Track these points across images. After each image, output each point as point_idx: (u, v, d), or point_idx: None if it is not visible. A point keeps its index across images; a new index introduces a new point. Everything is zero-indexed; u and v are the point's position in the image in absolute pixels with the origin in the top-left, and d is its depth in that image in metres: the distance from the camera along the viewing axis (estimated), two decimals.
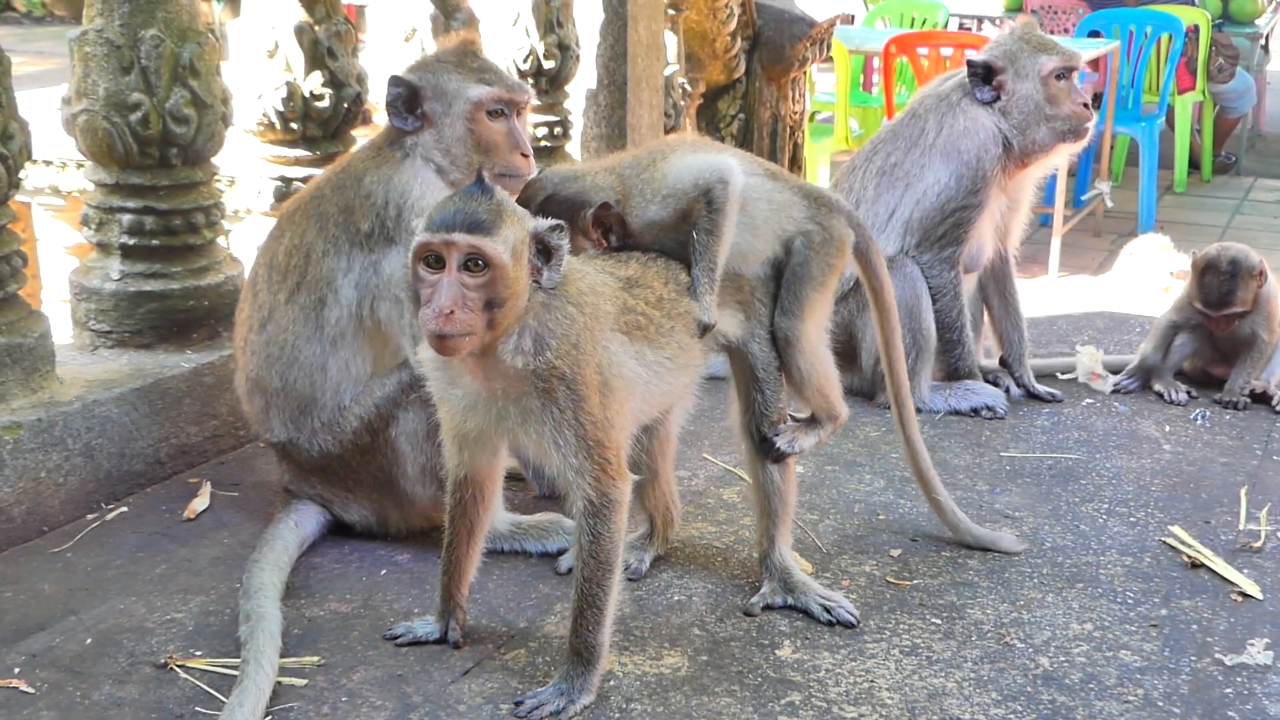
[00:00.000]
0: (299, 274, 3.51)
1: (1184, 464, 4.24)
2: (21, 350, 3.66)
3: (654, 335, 3.00)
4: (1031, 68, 4.55)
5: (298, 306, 3.51)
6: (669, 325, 3.04)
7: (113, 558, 3.52)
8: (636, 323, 2.97)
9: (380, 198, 3.45)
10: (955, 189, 4.57)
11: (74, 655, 3.06)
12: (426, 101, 3.50)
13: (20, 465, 3.57)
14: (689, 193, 3.08)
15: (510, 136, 3.53)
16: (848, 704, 2.90)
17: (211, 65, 4.14)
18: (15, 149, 3.59)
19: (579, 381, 2.79)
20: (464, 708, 2.86)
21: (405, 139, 3.52)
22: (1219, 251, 4.74)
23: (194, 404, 4.07)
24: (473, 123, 3.50)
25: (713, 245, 3.07)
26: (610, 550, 2.86)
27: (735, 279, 3.20)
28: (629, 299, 2.98)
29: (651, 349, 2.99)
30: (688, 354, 3.10)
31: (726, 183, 3.07)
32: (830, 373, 3.30)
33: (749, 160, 3.29)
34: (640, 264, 3.08)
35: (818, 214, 3.25)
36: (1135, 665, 3.09)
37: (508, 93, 3.53)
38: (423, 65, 3.60)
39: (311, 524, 3.59)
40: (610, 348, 2.89)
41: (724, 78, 7.84)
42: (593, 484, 2.83)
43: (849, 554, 3.60)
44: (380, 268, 3.45)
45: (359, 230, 3.46)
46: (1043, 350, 5.25)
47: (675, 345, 3.05)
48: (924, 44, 9.65)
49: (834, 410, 3.33)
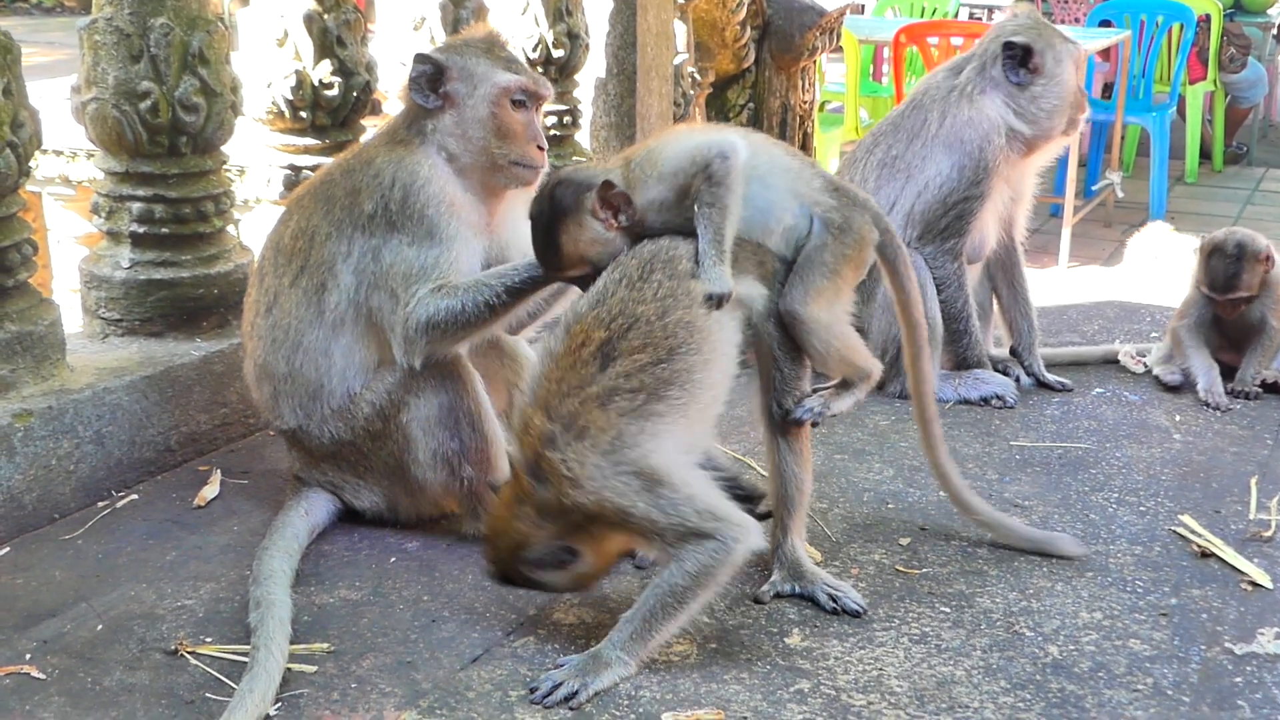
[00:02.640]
0: (303, 257, 3.52)
1: (1194, 453, 4.23)
2: (32, 338, 3.67)
3: (656, 391, 2.90)
4: (1067, 52, 4.54)
5: (300, 290, 3.51)
6: (665, 362, 2.92)
7: (123, 545, 3.53)
8: (629, 406, 2.88)
9: (388, 178, 3.45)
10: (958, 180, 4.56)
11: (85, 641, 3.07)
12: (451, 82, 3.50)
13: (31, 453, 3.58)
14: (687, 169, 3.05)
15: (529, 128, 3.53)
16: (856, 692, 2.91)
17: (221, 54, 4.14)
18: (25, 137, 3.59)
19: (612, 513, 2.85)
20: (473, 694, 2.87)
21: (423, 123, 3.51)
22: (1225, 235, 4.74)
23: (204, 392, 4.08)
24: (497, 108, 3.49)
25: (715, 218, 3.02)
26: (714, 585, 2.91)
27: (759, 251, 3.15)
28: (608, 390, 2.88)
29: (663, 404, 2.91)
30: (704, 360, 2.99)
31: (727, 157, 3.04)
32: (851, 340, 3.23)
33: (764, 139, 3.26)
34: (601, 331, 2.92)
35: (840, 203, 3.20)
36: (1145, 654, 3.08)
37: (534, 84, 3.54)
38: (450, 47, 3.61)
39: (321, 511, 3.60)
40: (620, 459, 2.86)
41: (733, 67, 7.81)
42: (710, 551, 2.87)
43: (858, 542, 3.59)
44: (380, 254, 3.44)
45: (362, 212, 3.45)
46: (1053, 339, 5.24)
47: (682, 371, 2.94)
48: (934, 33, 9.62)
49: (863, 371, 3.25)
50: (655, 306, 2.95)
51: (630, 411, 2.88)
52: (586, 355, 2.90)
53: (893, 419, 4.47)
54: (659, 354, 2.92)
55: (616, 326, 2.92)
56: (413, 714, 2.80)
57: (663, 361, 2.92)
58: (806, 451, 3.28)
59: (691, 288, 2.99)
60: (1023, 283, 4.89)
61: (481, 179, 3.53)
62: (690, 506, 2.86)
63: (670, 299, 2.97)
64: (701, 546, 2.86)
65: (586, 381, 2.88)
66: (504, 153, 3.49)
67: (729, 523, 2.90)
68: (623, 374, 2.89)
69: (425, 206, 3.42)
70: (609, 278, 3.01)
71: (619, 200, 3.09)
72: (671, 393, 2.92)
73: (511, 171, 3.52)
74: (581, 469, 2.83)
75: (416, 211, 3.42)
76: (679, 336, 2.95)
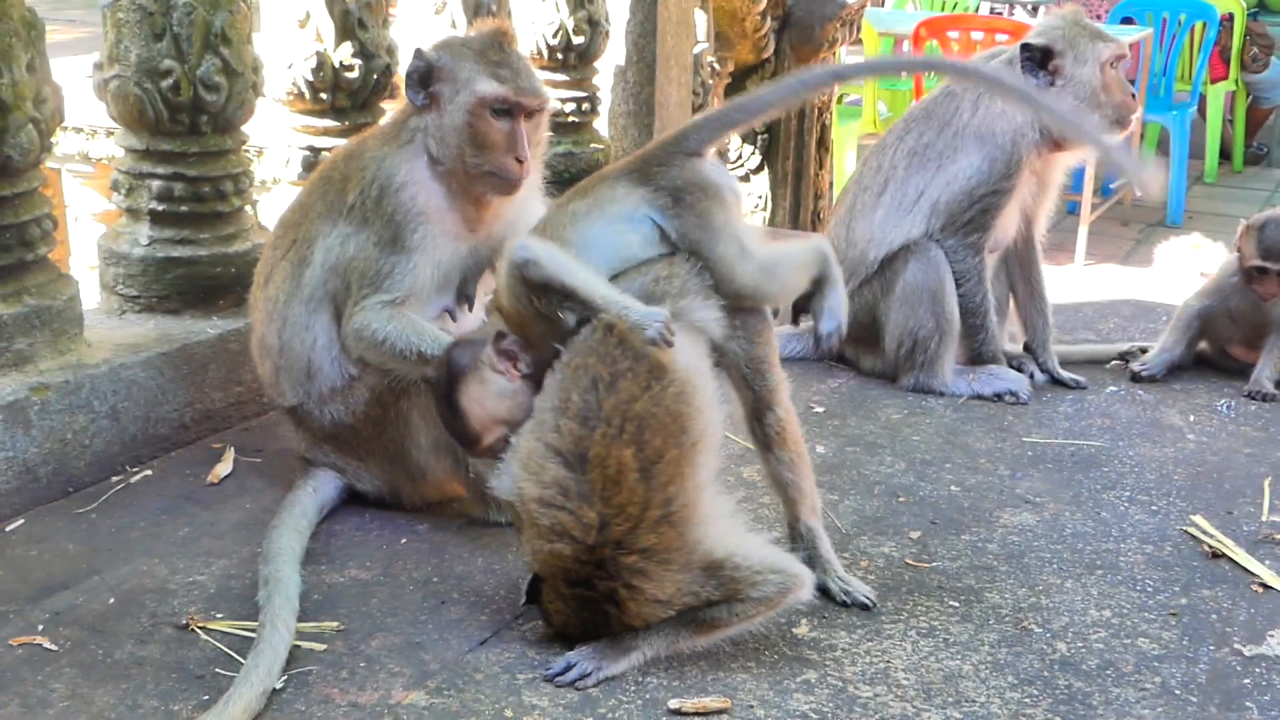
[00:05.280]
0: (295, 231, 3.57)
1: (1208, 454, 4.22)
2: (50, 313, 3.68)
3: (692, 475, 2.87)
4: (1091, 53, 4.50)
5: (288, 263, 3.56)
6: (685, 441, 2.86)
7: (136, 519, 3.55)
8: (683, 503, 2.84)
9: (370, 174, 3.47)
10: (988, 173, 4.54)
11: (97, 614, 3.08)
12: (438, 82, 3.45)
13: (47, 426, 3.59)
14: (519, 293, 2.95)
15: (509, 138, 3.42)
16: (863, 683, 2.91)
17: (243, 33, 4.15)
18: (48, 113, 3.61)
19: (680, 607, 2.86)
20: (481, 676, 2.88)
21: (414, 120, 3.49)
22: (1275, 210, 4.77)
23: (219, 370, 4.10)
24: (474, 117, 3.41)
25: (578, 293, 2.90)
26: (752, 623, 2.94)
27: (668, 268, 3.06)
28: (664, 503, 2.82)
29: (701, 476, 2.90)
30: (703, 410, 2.92)
31: (530, 262, 2.91)
32: (781, 259, 3.16)
33: (554, 206, 3.20)
34: (623, 449, 2.81)
35: (654, 181, 3.09)
36: (1153, 653, 3.08)
37: (515, 95, 3.41)
38: (447, 45, 3.55)
39: (330, 490, 3.61)
40: (691, 563, 2.86)
41: (753, 57, 7.81)
42: (757, 599, 2.89)
43: (868, 535, 3.60)
44: (348, 243, 3.46)
45: (346, 200, 3.48)
46: (1068, 337, 5.23)
47: (697, 437, 2.88)
48: (955, 27, 9.60)
49: (819, 258, 3.21)
50: (645, 396, 2.84)
51: (687, 509, 2.84)
52: (631, 480, 2.79)
53: (905, 412, 4.46)
54: (679, 439, 2.85)
55: (632, 436, 2.80)
56: (420, 694, 2.81)
57: (684, 443, 2.86)
58: (800, 453, 3.23)
59: (652, 353, 2.86)
60: (1039, 279, 4.88)
61: (462, 184, 3.48)
62: (749, 570, 2.88)
63: (650, 377, 2.85)
64: (751, 593, 2.89)
65: (645, 504, 2.80)
66: (478, 162, 3.42)
67: (786, 574, 2.91)
68: (666, 480, 2.82)
69: (395, 211, 3.42)
70: (578, 395, 2.84)
71: (515, 347, 2.99)
72: (699, 461, 2.90)
73: (487, 181, 3.46)
74: (664, 590, 2.84)
75: (387, 213, 3.43)
76: (680, 408, 2.87)
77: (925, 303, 4.59)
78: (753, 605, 2.89)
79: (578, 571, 2.83)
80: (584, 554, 2.80)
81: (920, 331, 4.60)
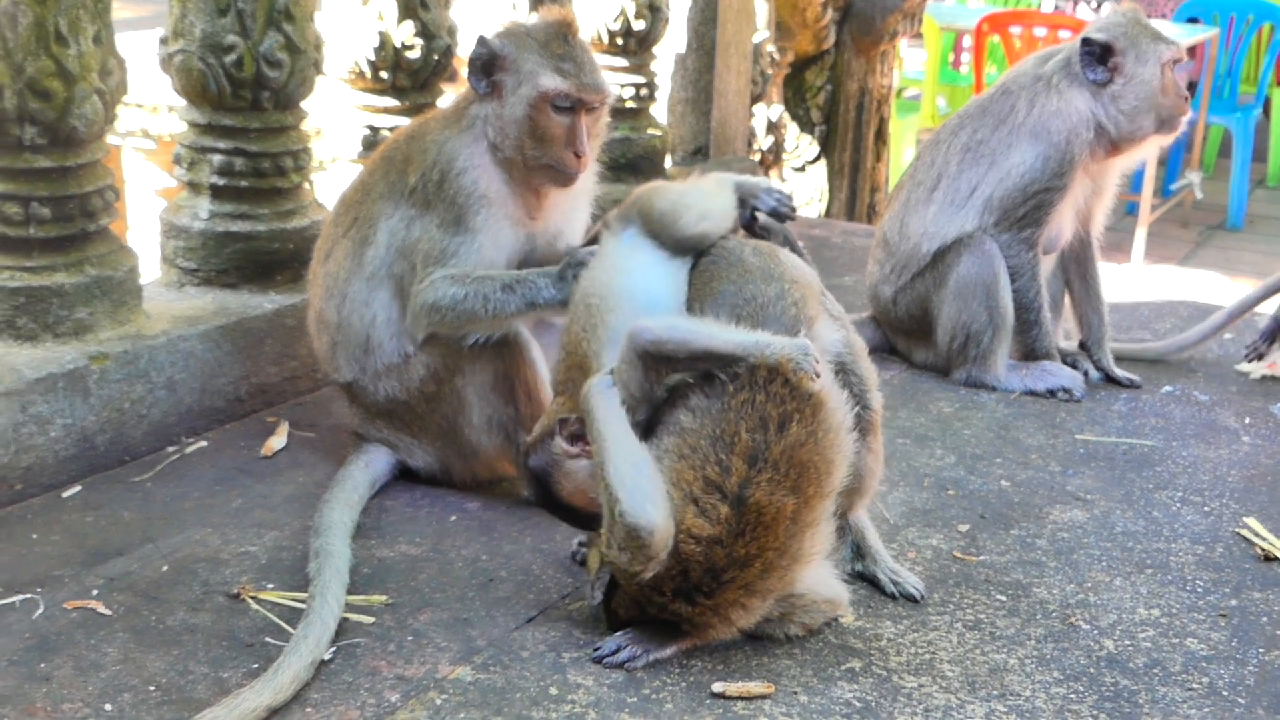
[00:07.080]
0: (356, 209, 3.60)
1: (1262, 456, 4.17)
2: (111, 283, 3.74)
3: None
4: (1153, 53, 4.46)
5: (349, 241, 3.59)
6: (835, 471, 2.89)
7: (191, 489, 3.59)
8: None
9: (431, 157, 3.49)
10: (1041, 170, 4.51)
11: (150, 581, 3.13)
12: (501, 71, 3.46)
13: (105, 395, 3.65)
14: (642, 364, 2.92)
15: (570, 132, 3.43)
16: (908, 674, 2.90)
17: (306, 11, 4.19)
18: (113, 85, 3.66)
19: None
20: (526, 654, 2.90)
21: (475, 107, 3.51)
22: None
23: (275, 345, 4.14)
24: (534, 110, 3.41)
25: (707, 352, 2.89)
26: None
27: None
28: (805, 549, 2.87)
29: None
30: (841, 457, 2.90)
31: (656, 340, 2.90)
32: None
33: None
34: (785, 496, 2.80)
35: (623, 220, 3.21)
36: (1201, 654, 3.05)
37: (578, 91, 3.41)
38: (511, 34, 3.53)
39: (382, 465, 3.64)
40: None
41: (813, 48, 7.78)
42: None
43: (917, 526, 3.59)
44: (412, 226, 3.49)
45: (407, 182, 3.51)
46: (1124, 335, 5.18)
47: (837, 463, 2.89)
48: (1017, 23, 9.53)
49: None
50: (810, 442, 2.82)
51: (807, 555, 2.88)
52: (783, 527, 2.79)
53: (957, 406, 4.44)
54: (829, 484, 2.88)
55: (793, 484, 2.79)
56: (467, 669, 2.84)
57: (828, 489, 2.88)
58: (879, 446, 3.23)
59: (809, 390, 2.82)
60: (1096, 277, 4.83)
61: (520, 173, 3.49)
62: (813, 600, 2.97)
63: (815, 420, 2.83)
64: (804, 618, 2.99)
65: (783, 550, 2.82)
66: (537, 155, 3.43)
67: (834, 601, 3.01)
68: (806, 525, 2.84)
69: (457, 194, 3.45)
70: (746, 432, 2.78)
71: (579, 427, 2.98)
72: (831, 503, 2.93)
73: (545, 173, 3.47)
74: (748, 621, 2.89)
75: (449, 196, 3.45)
76: (832, 455, 2.86)
77: (979, 296, 4.55)
78: (798, 625, 2.98)
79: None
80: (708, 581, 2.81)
81: (973, 325, 4.58)
